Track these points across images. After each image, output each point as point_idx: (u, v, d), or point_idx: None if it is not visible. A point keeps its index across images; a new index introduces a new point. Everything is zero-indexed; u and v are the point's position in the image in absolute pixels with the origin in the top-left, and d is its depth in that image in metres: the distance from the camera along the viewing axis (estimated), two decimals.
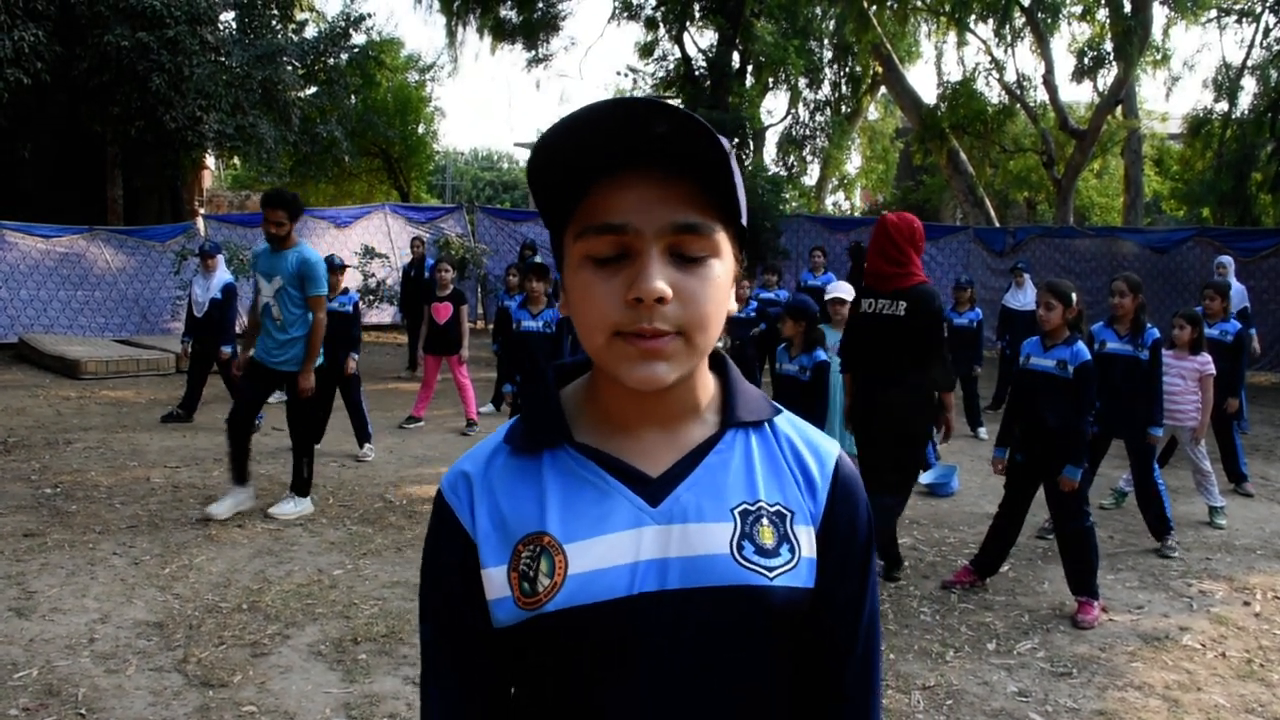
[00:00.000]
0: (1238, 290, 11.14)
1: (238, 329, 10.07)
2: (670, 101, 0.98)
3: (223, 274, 9.60)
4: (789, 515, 1.11)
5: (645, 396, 1.08)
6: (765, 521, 1.09)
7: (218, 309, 9.38)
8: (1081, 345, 5.20)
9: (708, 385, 1.16)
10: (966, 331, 9.64)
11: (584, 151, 1.01)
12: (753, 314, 9.89)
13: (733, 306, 1.10)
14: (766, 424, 1.17)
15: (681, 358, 1.03)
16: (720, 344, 1.18)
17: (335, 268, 8.63)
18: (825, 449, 1.18)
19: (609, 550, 1.06)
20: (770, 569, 1.07)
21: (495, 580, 1.09)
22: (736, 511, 1.09)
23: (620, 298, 1.01)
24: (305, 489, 6.51)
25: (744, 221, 1.10)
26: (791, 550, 1.10)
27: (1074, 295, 5.23)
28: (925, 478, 7.73)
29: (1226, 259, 11.47)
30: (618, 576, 1.05)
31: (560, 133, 1.01)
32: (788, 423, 1.19)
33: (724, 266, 1.06)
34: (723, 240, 1.05)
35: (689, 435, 1.13)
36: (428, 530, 1.17)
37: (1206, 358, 6.72)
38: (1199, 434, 6.74)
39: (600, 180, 1.03)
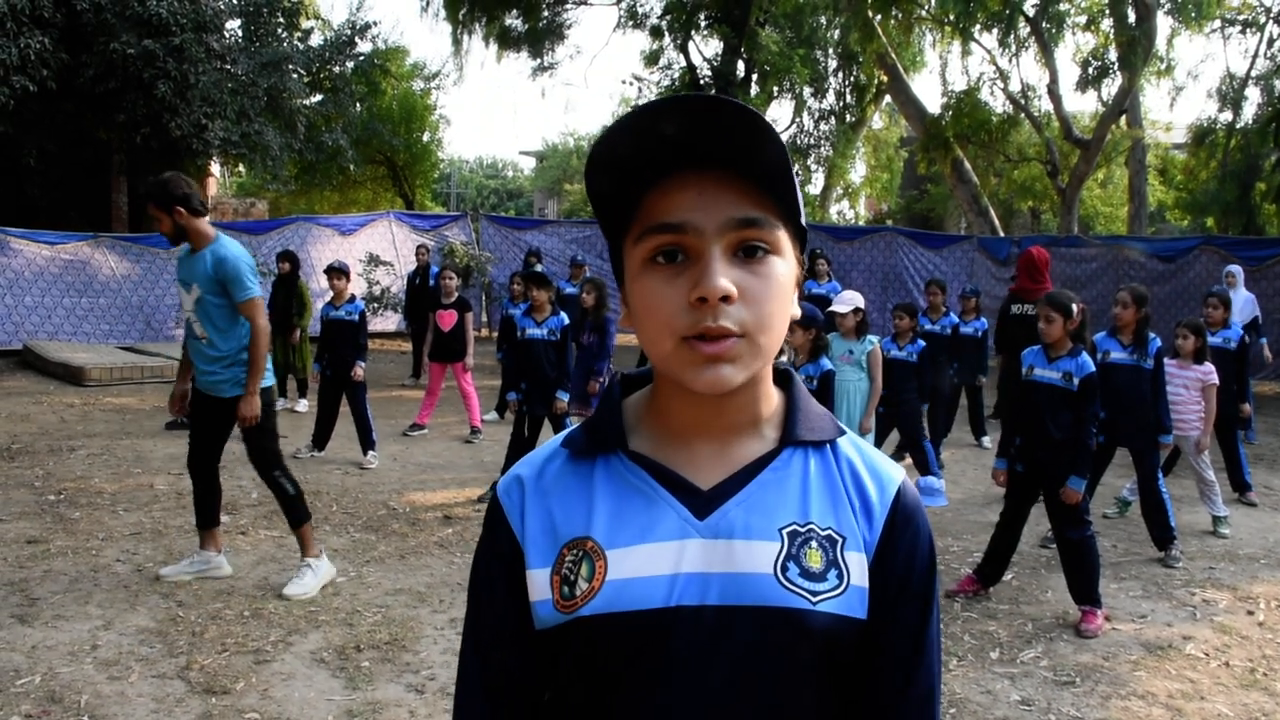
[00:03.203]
0: (1248, 299, 11.12)
1: None
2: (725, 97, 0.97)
3: None
4: (840, 540, 1.07)
5: (704, 406, 1.07)
6: (814, 544, 1.06)
7: None
8: (1086, 357, 5.18)
9: (770, 399, 1.13)
10: (971, 341, 9.62)
11: (639, 154, 1.01)
12: None
13: (795, 311, 1.08)
14: (828, 445, 1.13)
15: (746, 359, 1.01)
16: (785, 358, 1.16)
17: (338, 272, 8.66)
18: (888, 474, 1.13)
19: (650, 559, 1.04)
20: (814, 593, 1.04)
21: (538, 582, 1.08)
22: (785, 531, 1.06)
23: (684, 300, 0.99)
24: (303, 511, 5.32)
25: (803, 221, 1.09)
26: (840, 577, 1.06)
27: (1074, 306, 5.21)
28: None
29: (1236, 268, 11.42)
30: (656, 586, 1.03)
31: (614, 137, 1.00)
32: (851, 445, 1.15)
33: (786, 266, 1.04)
34: (783, 239, 1.04)
35: (745, 450, 1.10)
36: (482, 530, 1.18)
37: (1209, 367, 6.71)
38: (1203, 444, 6.73)
39: (657, 183, 1.02)
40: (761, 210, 1.01)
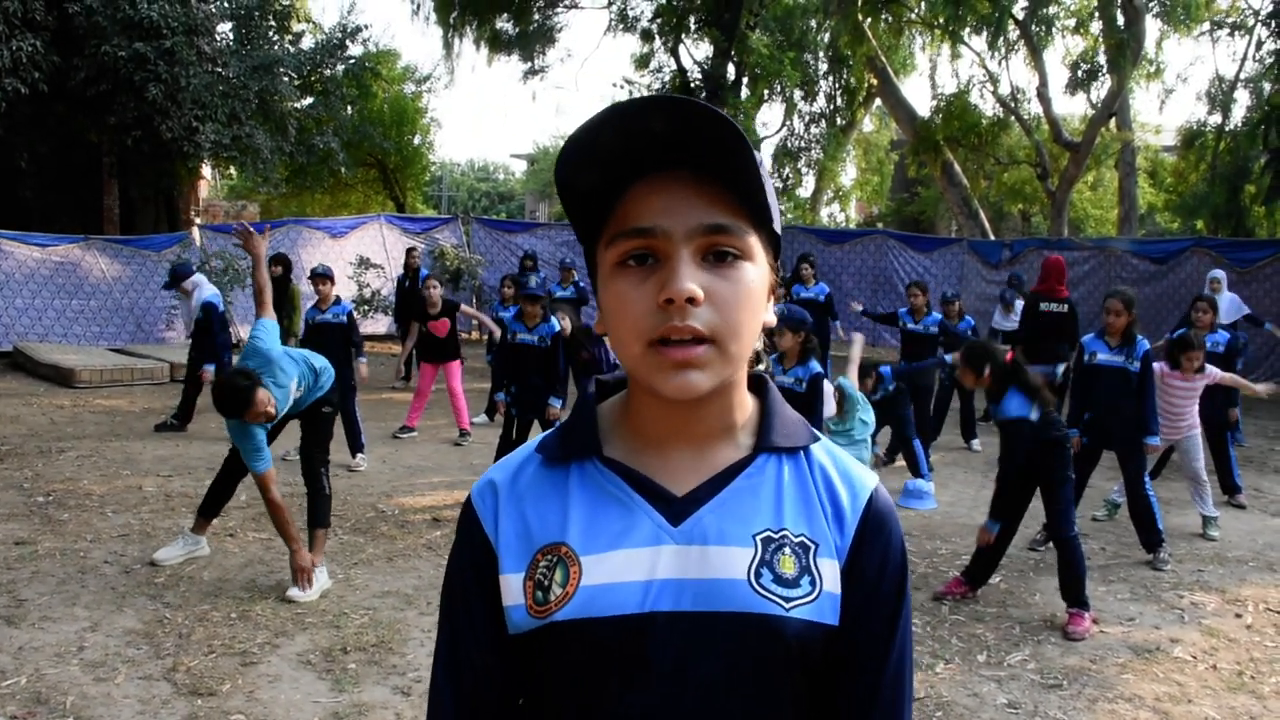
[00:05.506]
0: (1232, 300, 11.25)
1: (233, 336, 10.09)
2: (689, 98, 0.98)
3: (201, 293, 9.54)
4: (813, 547, 1.08)
5: (677, 412, 1.07)
6: (787, 551, 1.06)
7: (200, 328, 9.41)
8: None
9: (745, 406, 1.13)
10: (964, 341, 9.65)
11: (609, 157, 1.01)
12: None
13: (770, 319, 1.09)
14: (802, 452, 1.13)
15: (715, 366, 1.01)
16: (761, 366, 1.17)
17: (321, 277, 8.63)
18: (860, 482, 1.13)
19: (624, 565, 1.04)
20: (787, 600, 1.04)
21: (512, 586, 1.08)
22: (758, 538, 1.06)
23: (652, 302, 0.99)
24: (327, 517, 5.60)
25: (777, 227, 1.09)
26: (813, 583, 1.06)
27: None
28: (903, 500, 7.68)
29: (1219, 273, 11.54)
30: (630, 592, 1.03)
31: (583, 140, 1.00)
32: (825, 452, 1.15)
33: (757, 271, 1.04)
34: (755, 244, 1.04)
35: (719, 456, 1.10)
36: (455, 535, 1.18)
37: (1212, 370, 6.75)
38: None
39: (629, 187, 1.03)
40: (732, 216, 1.02)
